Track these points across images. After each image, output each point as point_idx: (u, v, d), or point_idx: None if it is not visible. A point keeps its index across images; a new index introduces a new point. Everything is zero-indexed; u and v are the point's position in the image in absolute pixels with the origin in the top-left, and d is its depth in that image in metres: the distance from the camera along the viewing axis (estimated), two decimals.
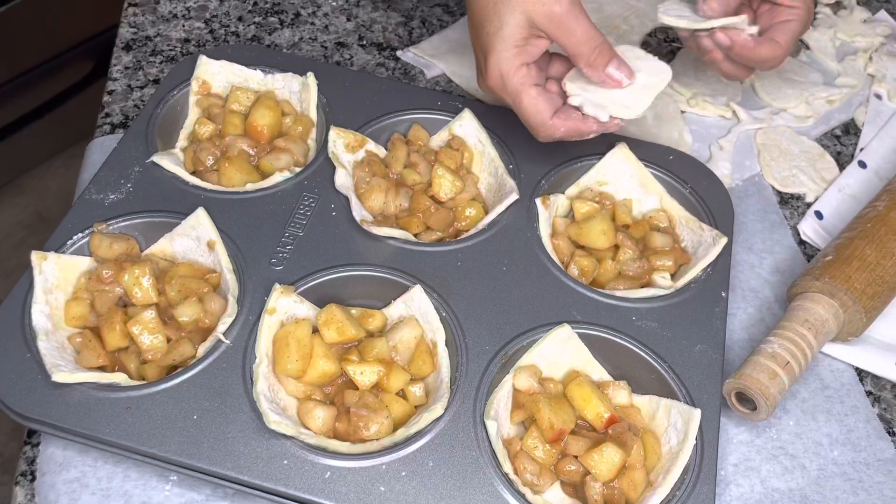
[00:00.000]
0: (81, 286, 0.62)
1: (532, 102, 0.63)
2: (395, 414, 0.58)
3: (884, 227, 0.67)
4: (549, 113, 0.63)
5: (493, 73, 0.63)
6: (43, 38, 1.66)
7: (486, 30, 0.62)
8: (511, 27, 0.61)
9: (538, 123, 0.63)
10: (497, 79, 0.63)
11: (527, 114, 0.63)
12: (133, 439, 0.54)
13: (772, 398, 0.59)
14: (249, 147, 0.71)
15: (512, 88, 0.63)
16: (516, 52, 0.62)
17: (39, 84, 1.72)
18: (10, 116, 1.71)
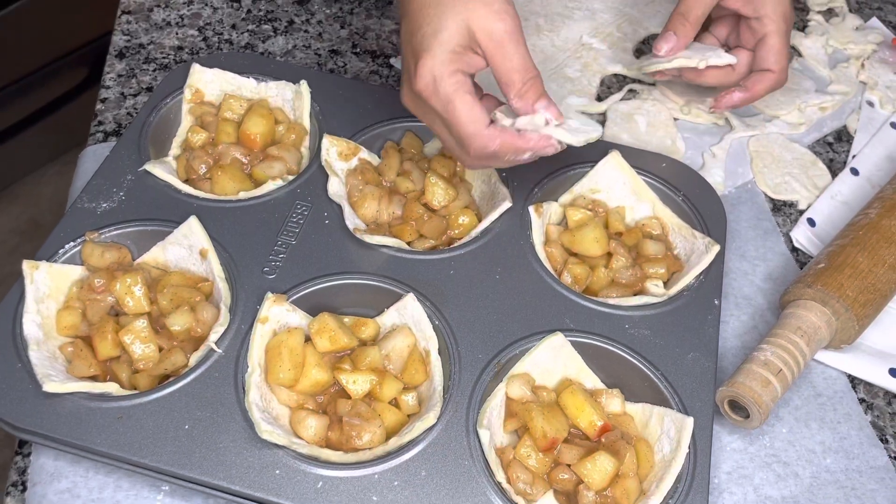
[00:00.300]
0: (73, 295, 0.62)
1: (467, 108, 0.57)
2: (388, 423, 0.58)
3: (875, 234, 0.67)
4: (485, 120, 0.58)
5: (423, 76, 0.57)
6: (37, 45, 1.66)
7: (422, 31, 0.57)
8: (450, 32, 0.57)
9: (472, 133, 0.57)
10: (428, 83, 0.57)
11: (460, 121, 0.57)
12: (124, 449, 0.54)
13: (764, 406, 0.59)
14: (242, 155, 0.71)
15: (444, 93, 0.57)
16: (452, 56, 0.57)
17: (33, 91, 1.72)
18: (5, 123, 1.71)
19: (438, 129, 0.60)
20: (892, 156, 0.82)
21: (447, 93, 0.57)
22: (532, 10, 0.94)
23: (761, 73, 0.76)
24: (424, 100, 0.58)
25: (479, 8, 0.56)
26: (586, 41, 0.91)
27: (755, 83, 0.77)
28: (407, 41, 0.59)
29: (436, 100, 0.57)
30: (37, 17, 1.61)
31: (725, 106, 0.79)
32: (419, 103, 0.59)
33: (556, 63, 0.88)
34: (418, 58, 0.57)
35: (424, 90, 0.57)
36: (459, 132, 0.58)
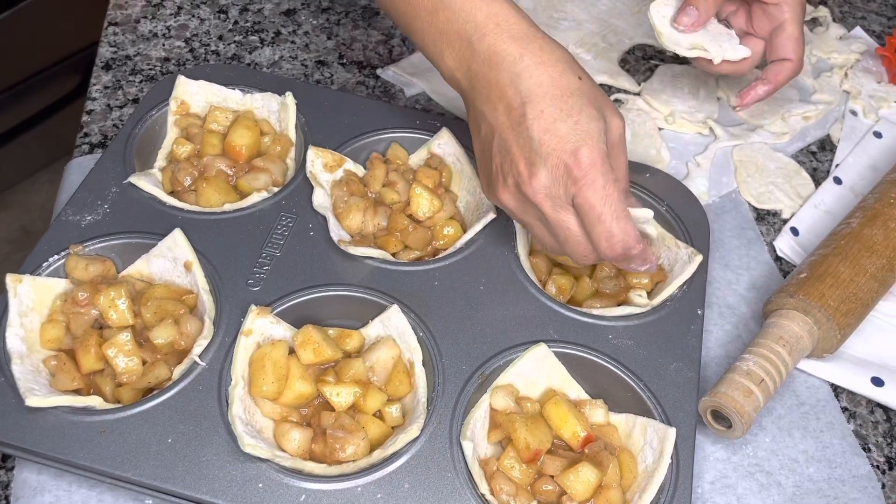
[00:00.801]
0: (57, 308, 0.62)
1: (622, 203, 0.55)
2: (372, 435, 0.58)
3: (857, 243, 0.68)
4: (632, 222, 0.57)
5: (584, 162, 0.54)
6: (28, 53, 1.66)
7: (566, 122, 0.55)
8: (600, 124, 0.56)
9: (625, 228, 0.56)
10: (589, 169, 0.54)
11: (617, 210, 0.55)
12: (107, 463, 0.54)
13: (746, 416, 0.59)
14: (227, 167, 0.71)
15: (604, 179, 0.55)
16: (606, 150, 0.56)
17: (24, 99, 1.72)
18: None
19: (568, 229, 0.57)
20: (874, 165, 0.83)
21: (606, 181, 0.54)
22: None
23: (780, 62, 0.76)
24: (579, 184, 0.54)
25: (609, 106, 0.57)
26: (572, 51, 0.91)
27: (776, 74, 0.76)
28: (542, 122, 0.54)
29: (592, 190, 0.54)
30: (29, 23, 1.61)
31: (752, 102, 0.78)
32: (558, 192, 0.55)
33: None
34: (576, 147, 0.54)
35: (584, 176, 0.54)
36: (610, 226, 0.55)
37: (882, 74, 0.93)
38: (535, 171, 0.55)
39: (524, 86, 0.54)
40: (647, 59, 0.93)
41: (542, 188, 0.55)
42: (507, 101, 0.55)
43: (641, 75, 0.90)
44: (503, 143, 0.56)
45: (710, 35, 0.76)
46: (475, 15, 0.56)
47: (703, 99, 0.88)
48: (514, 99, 0.55)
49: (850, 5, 1.02)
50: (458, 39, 0.57)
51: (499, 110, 0.56)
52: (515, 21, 0.57)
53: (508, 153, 0.56)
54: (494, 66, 0.56)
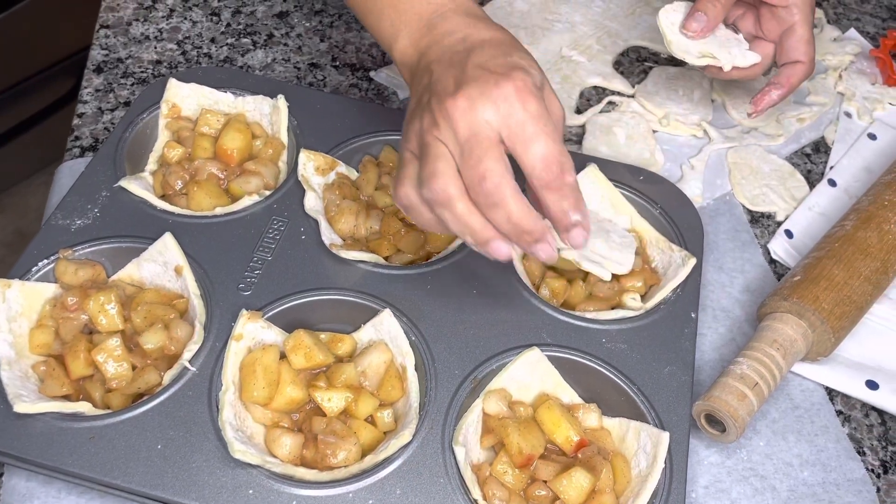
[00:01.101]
0: (46, 314, 0.61)
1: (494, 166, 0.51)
2: (364, 440, 0.57)
3: (851, 246, 0.68)
4: None
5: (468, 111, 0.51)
6: (23, 56, 1.66)
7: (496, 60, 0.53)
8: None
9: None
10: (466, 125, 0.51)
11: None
12: (96, 470, 0.54)
13: (740, 420, 0.59)
14: (219, 170, 0.71)
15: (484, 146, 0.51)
16: None
17: (19, 102, 1.71)
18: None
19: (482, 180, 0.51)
20: (869, 167, 0.83)
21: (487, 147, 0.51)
22: (512, 22, 0.94)
23: (791, 65, 0.75)
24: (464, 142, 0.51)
25: None
26: (566, 54, 0.91)
27: (788, 77, 0.76)
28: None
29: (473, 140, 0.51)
30: (26, 26, 1.60)
31: (766, 107, 0.77)
32: None
33: None
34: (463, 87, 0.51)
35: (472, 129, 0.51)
36: None
37: (876, 76, 0.93)
38: (460, 86, 0.51)
39: (471, 39, 0.55)
40: (641, 61, 0.92)
41: (464, 104, 0.51)
42: (452, 50, 0.55)
43: (636, 77, 0.90)
44: (435, 78, 0.54)
45: (718, 41, 0.76)
46: None
47: (697, 101, 0.87)
48: (459, 48, 0.55)
49: (845, 7, 1.01)
50: (417, 19, 0.58)
51: (443, 59, 0.55)
52: (474, 6, 0.59)
53: (436, 82, 0.53)
54: (449, 33, 0.56)
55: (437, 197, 0.52)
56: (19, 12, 1.56)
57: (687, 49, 0.75)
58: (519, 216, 0.51)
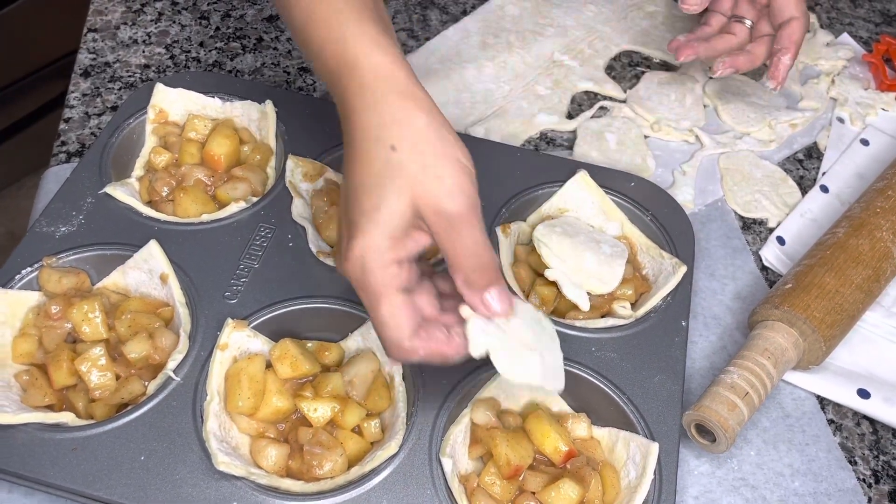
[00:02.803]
0: (29, 322, 0.61)
1: (391, 313, 0.49)
2: (351, 451, 0.57)
3: (843, 254, 0.67)
4: (408, 331, 0.49)
5: (354, 259, 0.48)
6: (14, 57, 1.65)
7: (361, 204, 0.48)
8: (392, 210, 0.47)
9: (393, 341, 0.49)
10: (357, 269, 0.48)
11: (383, 326, 0.49)
12: (78, 482, 0.53)
13: (731, 430, 0.58)
14: (206, 176, 0.70)
15: (373, 288, 0.48)
16: (390, 244, 0.48)
17: (10, 104, 1.70)
18: None
19: (367, 311, 0.51)
20: (861, 173, 0.82)
21: (376, 289, 0.48)
22: (503, 27, 0.93)
23: (787, 24, 0.75)
24: (353, 283, 0.49)
25: (428, 183, 0.47)
26: (558, 58, 0.91)
27: (789, 36, 0.76)
28: (344, 206, 0.50)
29: (362, 291, 0.49)
30: (16, 27, 1.60)
31: (785, 73, 0.76)
32: (347, 277, 0.50)
33: (526, 80, 0.88)
34: (353, 234, 0.48)
35: (353, 274, 0.49)
36: (381, 335, 0.50)
37: (869, 81, 0.92)
38: (339, 257, 0.51)
39: (345, 153, 0.50)
40: (633, 65, 0.92)
41: (345, 274, 0.50)
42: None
43: (628, 82, 0.90)
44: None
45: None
46: (336, 58, 0.51)
47: (689, 106, 0.87)
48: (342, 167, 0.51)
49: (838, 11, 1.01)
50: (333, 63, 0.51)
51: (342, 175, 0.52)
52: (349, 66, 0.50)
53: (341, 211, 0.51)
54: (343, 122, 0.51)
55: None
56: (9, 14, 1.56)
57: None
58: None
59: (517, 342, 0.51)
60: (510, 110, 0.85)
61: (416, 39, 0.91)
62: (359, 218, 0.48)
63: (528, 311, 0.53)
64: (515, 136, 0.83)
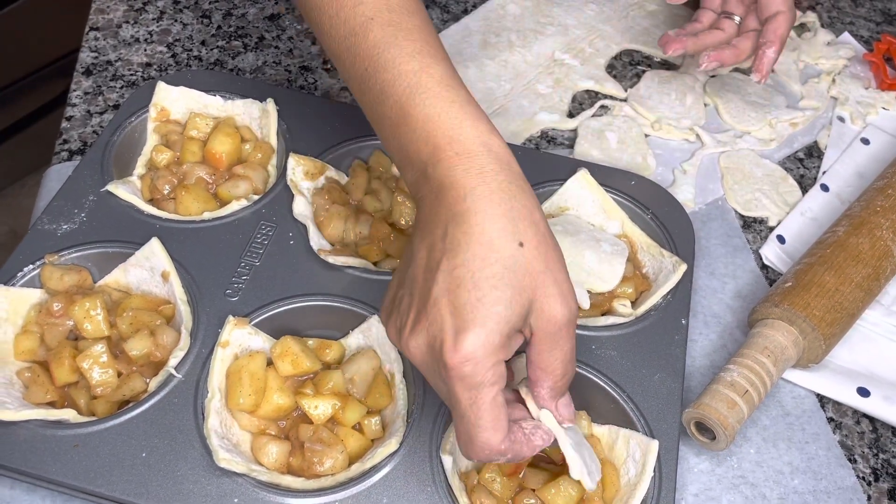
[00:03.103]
0: (31, 319, 0.61)
1: (494, 415, 0.46)
2: (351, 448, 0.57)
3: (843, 252, 0.67)
4: (503, 433, 0.47)
5: (463, 351, 0.44)
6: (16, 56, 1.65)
7: (482, 296, 0.44)
8: (514, 310, 0.45)
9: (485, 442, 0.46)
10: (465, 363, 0.44)
11: (477, 426, 0.46)
12: (80, 479, 0.53)
13: (730, 428, 0.59)
14: (207, 174, 0.70)
15: (477, 382, 0.45)
16: (502, 341, 0.45)
17: (12, 102, 1.71)
18: None
19: (447, 400, 0.48)
20: (861, 172, 0.82)
21: (479, 384, 0.45)
22: (504, 25, 0.93)
23: (773, 18, 0.76)
24: (448, 372, 0.45)
25: (549, 286, 0.46)
26: (558, 57, 0.91)
27: (775, 30, 0.76)
28: (443, 287, 0.45)
29: (461, 384, 0.45)
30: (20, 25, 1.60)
31: (769, 67, 0.77)
32: (434, 365, 0.46)
33: (527, 79, 0.88)
34: (464, 327, 0.44)
35: (456, 368, 0.45)
36: (470, 433, 0.47)
37: (870, 80, 0.92)
38: (416, 330, 0.46)
39: (454, 231, 0.45)
40: (634, 64, 0.92)
41: (418, 351, 0.47)
42: (433, 239, 0.46)
43: (628, 81, 0.90)
44: (411, 280, 0.48)
45: None
46: (437, 137, 0.47)
47: (690, 105, 0.87)
48: (439, 241, 0.46)
49: (839, 11, 1.01)
50: (417, 160, 0.48)
51: (424, 244, 0.47)
52: (483, 148, 0.47)
53: (410, 294, 0.48)
54: (441, 198, 0.47)
55: None
56: (11, 13, 1.56)
57: None
58: None
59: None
60: (511, 109, 0.85)
61: None
62: (475, 309, 0.44)
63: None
64: (516, 135, 0.83)
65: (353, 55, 0.51)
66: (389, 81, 0.49)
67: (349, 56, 0.52)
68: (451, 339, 0.45)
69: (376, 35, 0.50)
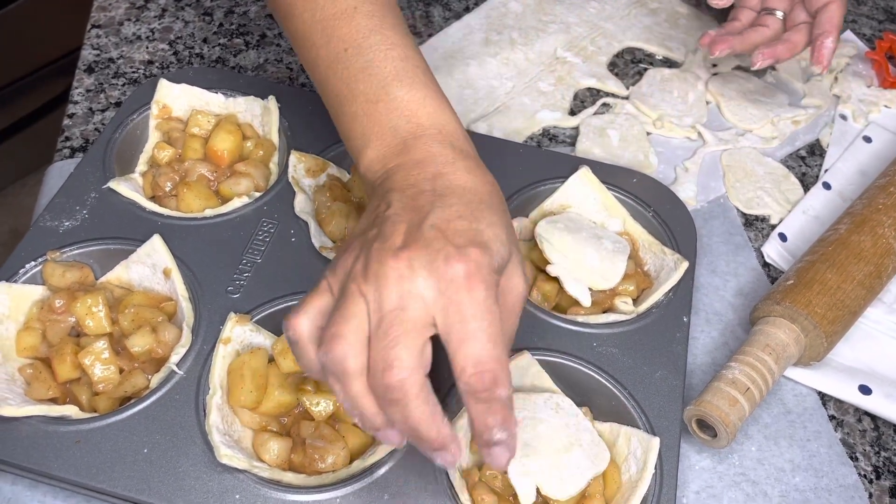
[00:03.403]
0: (33, 316, 0.61)
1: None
2: (353, 444, 0.57)
3: (844, 250, 0.67)
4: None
5: (472, 258, 0.44)
6: (18, 55, 1.65)
7: (464, 221, 0.46)
8: (508, 229, 0.48)
9: None
10: (478, 267, 0.44)
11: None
12: (81, 474, 0.53)
13: (731, 425, 0.59)
14: (209, 172, 0.70)
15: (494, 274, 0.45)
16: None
17: (14, 101, 1.71)
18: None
19: None
20: (864, 170, 0.82)
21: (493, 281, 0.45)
22: (506, 23, 0.93)
23: (825, 7, 0.76)
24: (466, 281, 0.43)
25: None
26: (560, 55, 0.91)
27: (830, 19, 0.75)
28: (444, 216, 0.46)
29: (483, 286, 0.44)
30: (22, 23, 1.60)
31: (829, 57, 0.76)
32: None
33: (529, 77, 0.88)
34: (472, 243, 0.45)
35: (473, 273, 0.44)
36: None
37: (872, 78, 0.92)
38: (408, 245, 0.44)
39: (443, 181, 0.48)
40: (636, 62, 0.92)
41: (403, 269, 0.43)
42: (418, 188, 0.48)
43: (630, 79, 0.90)
44: (390, 216, 0.46)
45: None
46: (420, 117, 0.51)
47: (691, 103, 0.87)
48: (426, 187, 0.48)
49: None
50: (392, 134, 0.51)
51: (406, 194, 0.47)
52: (461, 136, 0.52)
53: (388, 222, 0.46)
54: (422, 163, 0.49)
55: (331, 364, 0.44)
56: (13, 12, 1.56)
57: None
58: (417, 421, 0.43)
59: (552, 457, 0.54)
60: (513, 107, 0.85)
61: (419, 36, 0.92)
62: (470, 231, 0.45)
63: (544, 404, 0.56)
64: (518, 133, 0.83)
65: (329, 37, 0.55)
66: (375, 63, 0.53)
67: (323, 38, 0.55)
68: (455, 254, 0.43)
69: (360, 22, 0.54)
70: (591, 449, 0.56)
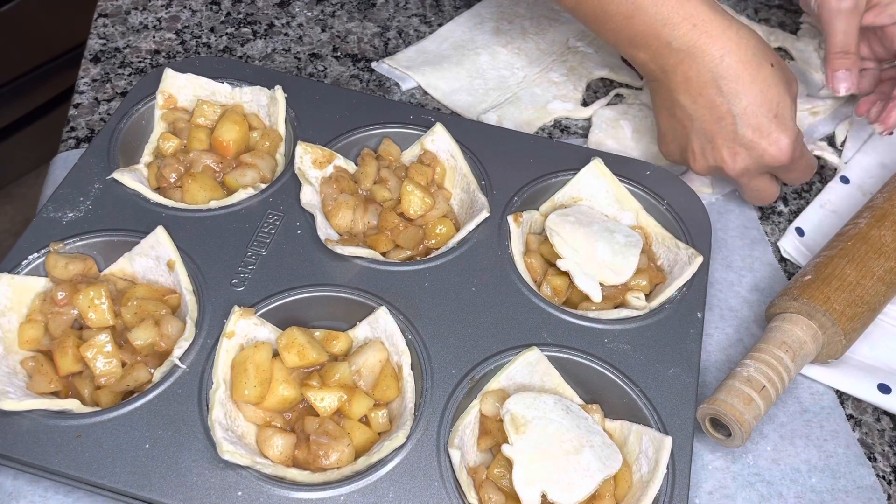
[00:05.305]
0: (36, 308, 0.60)
1: None
2: (358, 441, 0.56)
3: (864, 245, 0.65)
4: None
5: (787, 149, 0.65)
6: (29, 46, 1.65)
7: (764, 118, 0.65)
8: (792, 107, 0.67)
9: None
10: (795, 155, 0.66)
11: None
12: (82, 469, 0.52)
13: (746, 424, 0.57)
14: (215, 163, 0.69)
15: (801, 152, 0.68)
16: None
17: (27, 92, 1.71)
18: (0, 124, 1.70)
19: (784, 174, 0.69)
20: (884, 163, 0.80)
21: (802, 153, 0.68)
22: (517, 12, 0.92)
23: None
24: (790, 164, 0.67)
25: None
26: (573, 44, 0.89)
27: None
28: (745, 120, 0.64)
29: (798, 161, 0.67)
30: (33, 14, 1.60)
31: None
32: (759, 169, 0.68)
33: (540, 67, 0.87)
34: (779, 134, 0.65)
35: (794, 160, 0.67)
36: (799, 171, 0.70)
37: None
38: (738, 160, 0.66)
39: (728, 87, 0.63)
40: None
41: (742, 170, 0.67)
42: (708, 97, 0.64)
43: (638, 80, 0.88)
44: (704, 132, 0.66)
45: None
46: (672, 17, 0.62)
47: None
48: (717, 97, 0.64)
49: None
50: (655, 40, 0.64)
51: (698, 104, 0.64)
52: (710, 18, 0.63)
53: (710, 141, 0.66)
54: (695, 62, 0.63)
55: None
56: (23, 5, 1.56)
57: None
58: None
59: (562, 458, 0.54)
60: (524, 97, 0.84)
61: (429, 25, 0.90)
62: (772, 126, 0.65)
63: (554, 405, 0.56)
64: (529, 124, 0.81)
65: None
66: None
67: None
68: (775, 151, 0.65)
69: None
70: (603, 451, 0.55)
